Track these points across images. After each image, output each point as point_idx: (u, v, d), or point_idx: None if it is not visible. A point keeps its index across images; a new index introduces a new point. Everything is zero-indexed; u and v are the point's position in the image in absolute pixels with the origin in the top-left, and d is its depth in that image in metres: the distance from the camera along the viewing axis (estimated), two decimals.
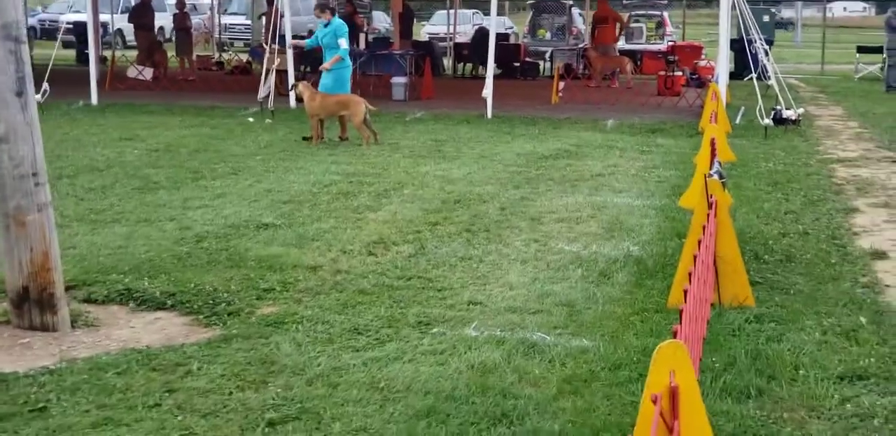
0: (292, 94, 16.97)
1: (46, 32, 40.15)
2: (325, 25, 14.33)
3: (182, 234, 8.27)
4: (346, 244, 8.02)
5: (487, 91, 16.85)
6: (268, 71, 16.44)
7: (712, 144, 9.29)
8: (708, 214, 6.06)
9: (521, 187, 10.69)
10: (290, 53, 17.30)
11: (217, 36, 33.91)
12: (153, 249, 7.73)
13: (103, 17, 31.76)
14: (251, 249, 7.75)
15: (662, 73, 22.03)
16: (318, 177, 11.09)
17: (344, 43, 14.19)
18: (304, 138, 13.90)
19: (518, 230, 8.72)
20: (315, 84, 14.41)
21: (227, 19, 39.08)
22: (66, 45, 31.57)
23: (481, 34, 24.05)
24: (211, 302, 6.40)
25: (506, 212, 9.43)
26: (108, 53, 28.93)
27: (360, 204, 9.65)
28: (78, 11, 33.60)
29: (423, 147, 13.51)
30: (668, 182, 11.26)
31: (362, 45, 20.56)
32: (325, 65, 14.20)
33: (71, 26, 28.34)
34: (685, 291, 4.52)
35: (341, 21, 14.90)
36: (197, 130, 15.00)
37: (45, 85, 16.50)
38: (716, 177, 7.18)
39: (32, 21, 40.40)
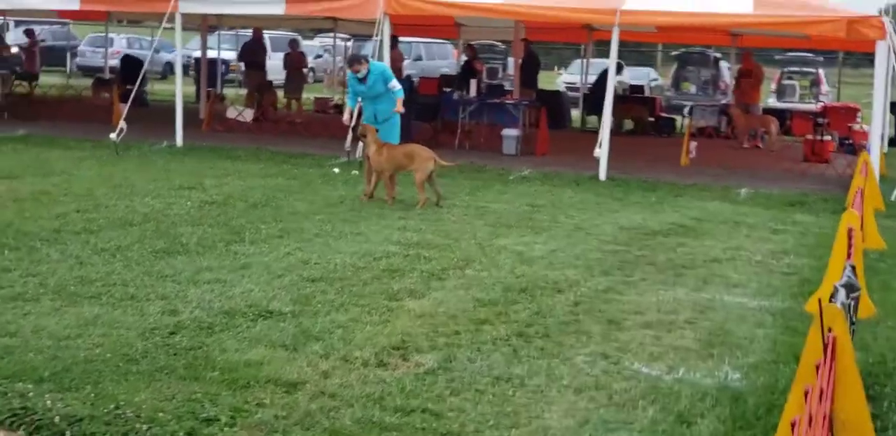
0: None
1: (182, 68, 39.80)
2: (362, 79, 12.25)
3: (159, 321, 6.61)
4: (355, 348, 6.24)
5: (601, 150, 14.91)
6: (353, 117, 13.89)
7: (849, 236, 7.27)
8: (818, 365, 4.08)
9: (611, 274, 8.76)
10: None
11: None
12: (106, 342, 6.07)
13: (228, 54, 31.05)
14: (227, 351, 6.03)
15: (809, 136, 19.72)
16: (372, 246, 9.38)
17: (397, 84, 12.34)
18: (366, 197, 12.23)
19: (586, 338, 6.80)
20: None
21: None
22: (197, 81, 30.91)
23: (603, 81, 21.56)
24: None
25: (579, 309, 7.52)
26: (228, 91, 28.24)
27: (403, 287, 7.87)
28: (210, 48, 33.02)
29: (514, 213, 11.67)
30: (798, 275, 9.19)
31: (473, 93, 18.85)
32: (398, 108, 12.21)
33: (193, 62, 27.58)
34: None
35: (383, 64, 13.14)
36: (271, 180, 13.49)
37: (122, 123, 15.35)
38: (840, 296, 5.16)
39: (169, 57, 40.24)
